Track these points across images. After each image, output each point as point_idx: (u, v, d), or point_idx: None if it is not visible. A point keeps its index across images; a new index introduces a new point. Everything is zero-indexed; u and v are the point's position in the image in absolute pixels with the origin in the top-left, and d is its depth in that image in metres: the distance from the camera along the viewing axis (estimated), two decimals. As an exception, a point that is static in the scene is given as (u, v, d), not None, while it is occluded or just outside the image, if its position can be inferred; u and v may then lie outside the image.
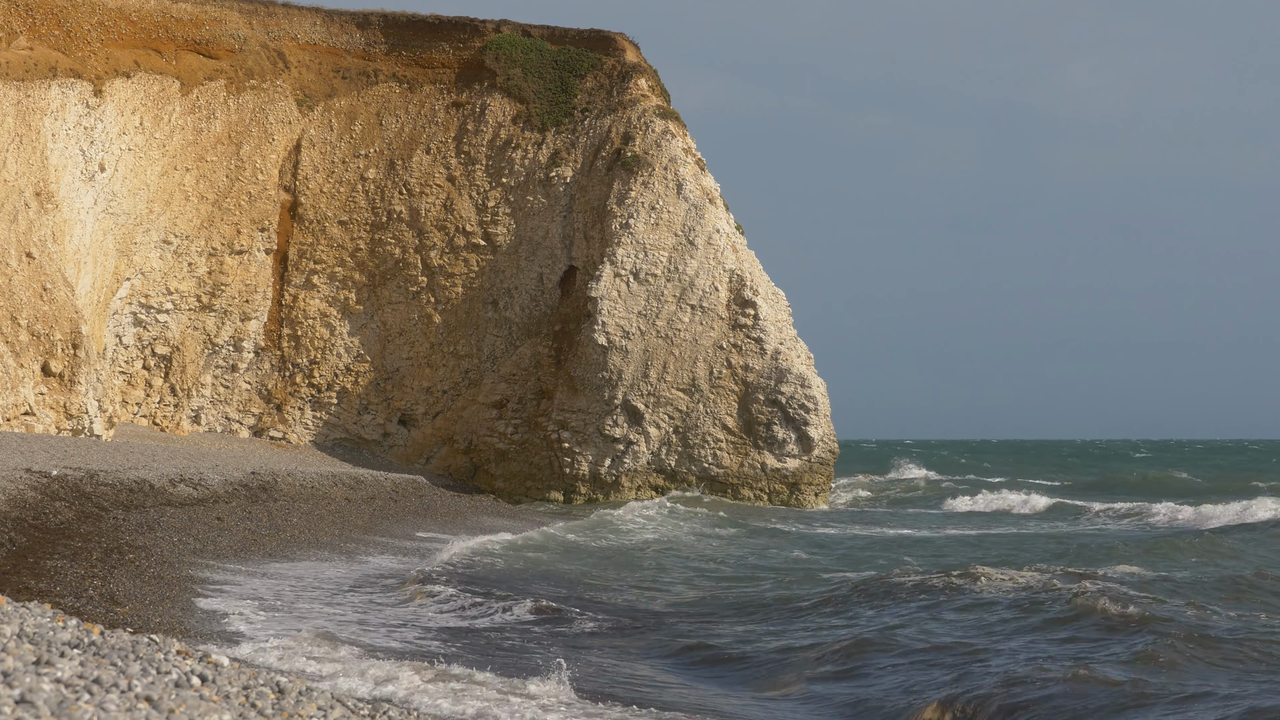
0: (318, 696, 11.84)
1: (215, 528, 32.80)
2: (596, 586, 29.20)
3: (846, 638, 21.48)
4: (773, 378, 56.44)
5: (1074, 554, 35.43)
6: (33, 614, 13.67)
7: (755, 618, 24.69)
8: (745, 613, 25.43)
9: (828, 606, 25.41)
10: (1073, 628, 21.42)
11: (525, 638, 22.00)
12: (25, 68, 51.25)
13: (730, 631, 23.18)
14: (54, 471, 32.18)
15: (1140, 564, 31.38)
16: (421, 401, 60.51)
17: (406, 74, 61.48)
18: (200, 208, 57.64)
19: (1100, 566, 30.04)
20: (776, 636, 22.45)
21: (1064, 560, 32.82)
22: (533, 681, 17.18)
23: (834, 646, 20.87)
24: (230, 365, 59.42)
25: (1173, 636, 19.55)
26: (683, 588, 29.50)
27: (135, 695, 9.51)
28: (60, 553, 24.24)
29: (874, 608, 24.82)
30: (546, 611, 24.16)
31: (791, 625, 23.63)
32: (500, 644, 21.24)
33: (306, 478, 46.38)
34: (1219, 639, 19.85)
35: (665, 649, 21.60)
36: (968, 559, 34.38)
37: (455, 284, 59.97)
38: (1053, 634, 21.16)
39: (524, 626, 23.03)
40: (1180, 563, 32.93)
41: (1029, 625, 22.00)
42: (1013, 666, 18.39)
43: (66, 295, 49.90)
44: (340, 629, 21.22)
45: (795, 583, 30.03)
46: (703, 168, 59.03)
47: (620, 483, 56.71)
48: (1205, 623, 21.40)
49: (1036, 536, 45.26)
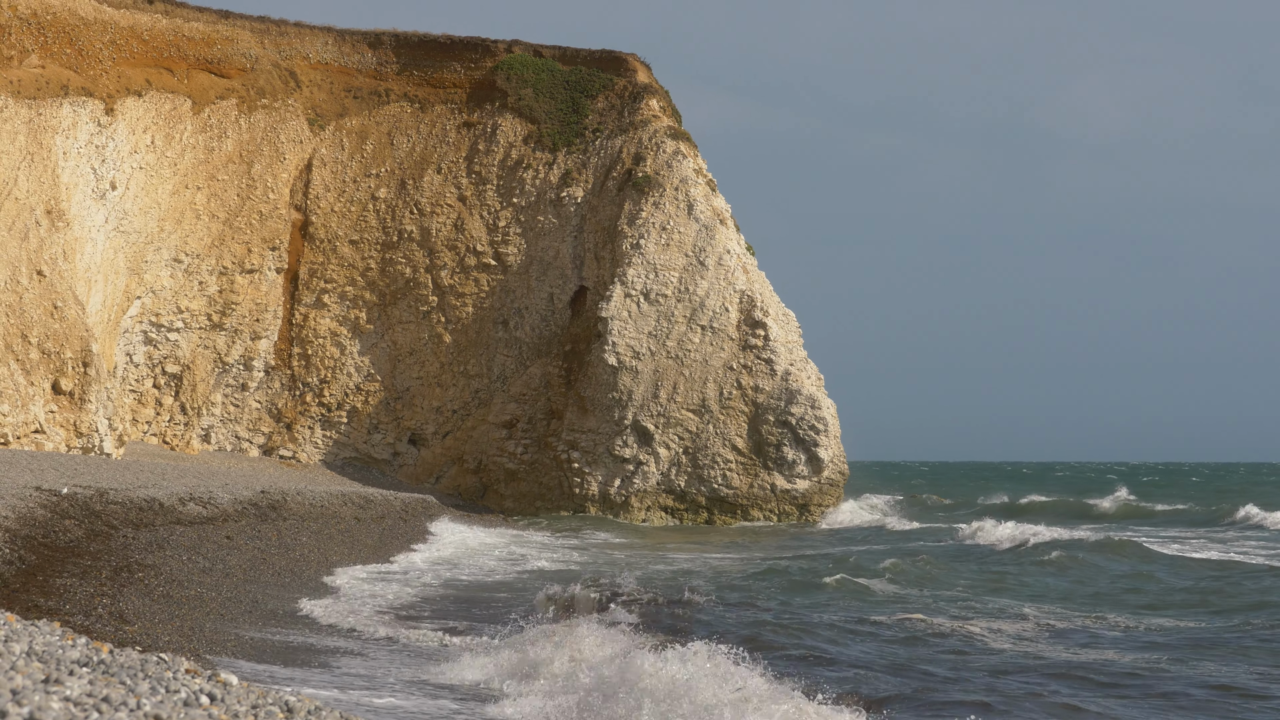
0: (326, 716, 11.77)
1: (225, 546, 32.75)
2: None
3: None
4: (783, 399, 56.37)
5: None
6: (42, 632, 13.62)
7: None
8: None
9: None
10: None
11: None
12: (37, 86, 51.36)
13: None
14: (64, 490, 32.17)
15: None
16: (431, 421, 60.50)
17: (418, 94, 61.57)
18: (211, 226, 57.71)
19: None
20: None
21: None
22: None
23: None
24: (240, 384, 59.44)
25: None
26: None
27: (144, 714, 9.46)
28: (70, 571, 24.20)
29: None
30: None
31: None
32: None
33: (316, 497, 46.34)
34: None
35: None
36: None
37: (466, 303, 59.99)
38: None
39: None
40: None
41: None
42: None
43: (77, 313, 49.94)
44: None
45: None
46: (714, 188, 59.06)
47: (630, 503, 56.65)
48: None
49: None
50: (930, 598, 30.97)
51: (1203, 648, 23.37)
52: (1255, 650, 23.19)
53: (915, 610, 27.94)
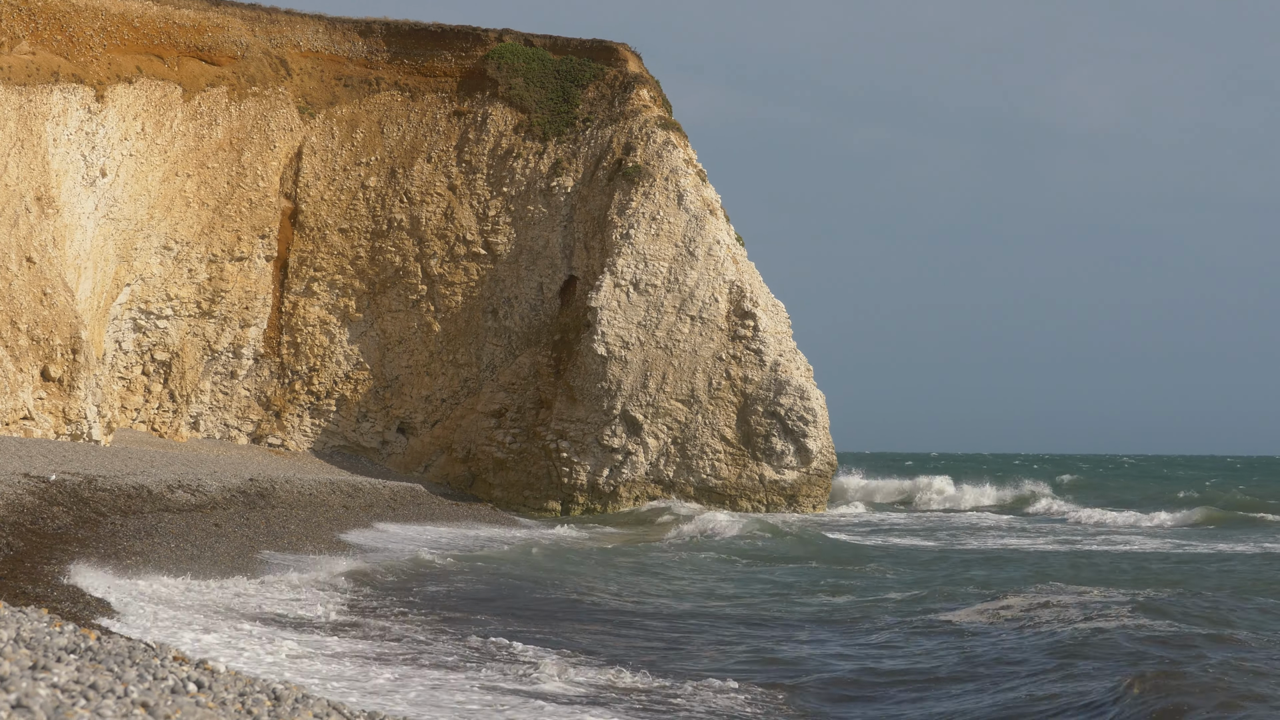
0: (314, 704, 11.82)
1: (213, 534, 32.79)
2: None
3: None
4: (772, 389, 56.42)
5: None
6: (29, 619, 13.67)
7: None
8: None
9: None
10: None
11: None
12: (27, 72, 51.29)
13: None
14: (52, 476, 32.18)
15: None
16: (420, 410, 60.50)
17: (408, 82, 61.51)
18: (201, 214, 57.66)
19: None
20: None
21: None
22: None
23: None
24: (229, 372, 59.40)
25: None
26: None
27: (132, 701, 9.51)
28: (58, 558, 24.24)
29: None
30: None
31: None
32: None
33: (304, 485, 46.38)
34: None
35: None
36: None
37: (455, 293, 59.98)
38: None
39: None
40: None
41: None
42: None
43: (66, 300, 49.91)
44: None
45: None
46: (704, 179, 59.07)
47: (618, 493, 56.68)
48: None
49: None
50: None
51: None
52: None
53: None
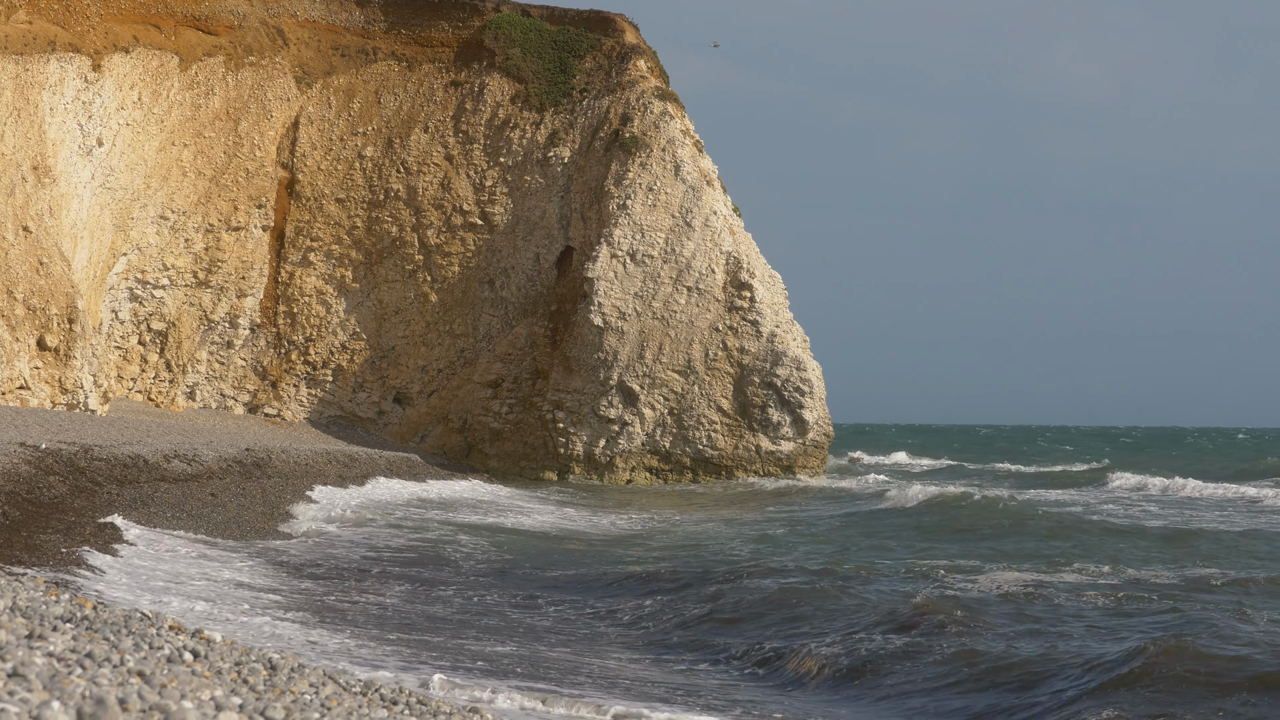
0: (310, 673, 11.87)
1: (209, 503, 32.85)
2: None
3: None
4: (768, 360, 56.45)
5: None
6: (25, 588, 13.72)
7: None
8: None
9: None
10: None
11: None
12: (24, 41, 51.17)
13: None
14: (43, 445, 32.21)
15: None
16: (417, 380, 60.53)
17: (405, 52, 61.40)
18: (198, 184, 57.60)
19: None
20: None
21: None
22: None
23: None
24: (226, 342, 59.41)
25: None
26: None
27: (128, 670, 9.55)
28: (54, 527, 24.28)
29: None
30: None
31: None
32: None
33: (300, 455, 46.42)
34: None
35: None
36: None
37: (452, 263, 59.96)
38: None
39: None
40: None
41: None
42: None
43: (63, 270, 49.89)
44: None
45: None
46: (701, 149, 59.00)
47: (615, 463, 56.75)
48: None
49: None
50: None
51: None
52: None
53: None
